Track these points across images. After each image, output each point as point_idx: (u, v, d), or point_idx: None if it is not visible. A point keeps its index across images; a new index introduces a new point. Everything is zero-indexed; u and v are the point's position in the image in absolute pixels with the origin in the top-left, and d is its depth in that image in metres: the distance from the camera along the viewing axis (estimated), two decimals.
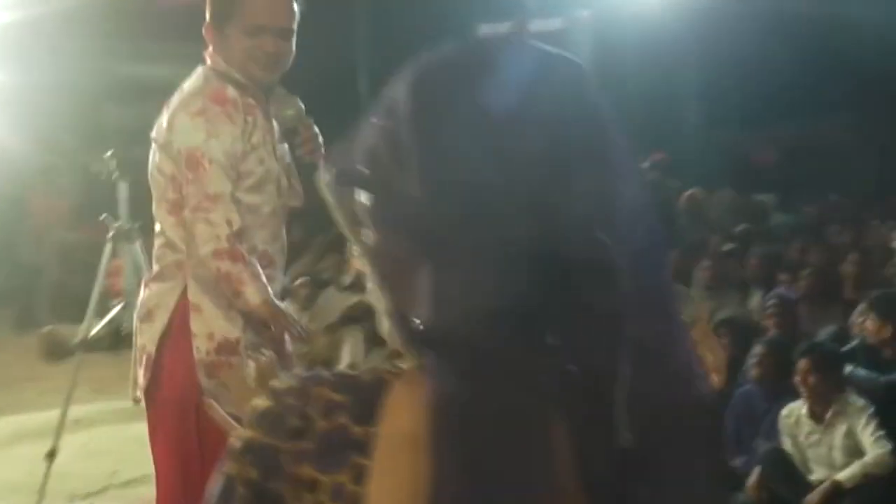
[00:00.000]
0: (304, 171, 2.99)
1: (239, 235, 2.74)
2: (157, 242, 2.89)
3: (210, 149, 2.73)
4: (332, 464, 0.89)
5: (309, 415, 0.91)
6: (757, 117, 13.32)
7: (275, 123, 2.92)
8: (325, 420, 0.91)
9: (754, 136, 12.81)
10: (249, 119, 2.83)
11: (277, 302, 2.86)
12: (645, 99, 11.39)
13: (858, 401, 4.61)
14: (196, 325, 2.79)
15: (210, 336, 2.78)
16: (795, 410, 4.80)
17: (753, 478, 4.78)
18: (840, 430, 4.59)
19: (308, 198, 2.94)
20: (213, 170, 2.73)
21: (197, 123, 2.75)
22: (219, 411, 2.25)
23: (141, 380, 2.91)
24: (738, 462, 4.98)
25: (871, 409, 4.53)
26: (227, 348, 2.78)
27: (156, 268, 2.90)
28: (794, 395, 4.87)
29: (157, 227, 2.90)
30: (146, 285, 2.96)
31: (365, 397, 0.91)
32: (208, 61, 2.88)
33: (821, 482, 4.55)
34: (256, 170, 2.83)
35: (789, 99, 13.23)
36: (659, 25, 11.58)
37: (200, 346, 2.79)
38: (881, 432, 4.47)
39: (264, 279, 2.79)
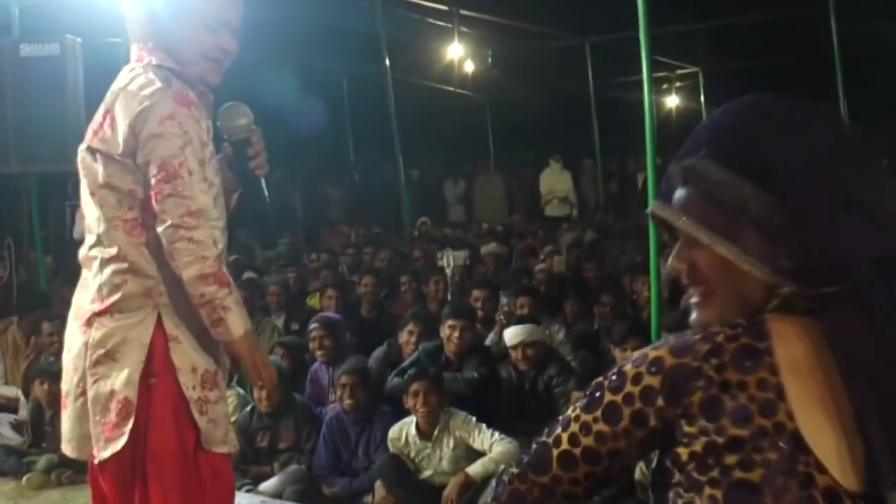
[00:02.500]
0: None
1: (222, 256, 2.41)
2: (111, 268, 2.39)
3: (187, 157, 2.33)
4: (751, 367, 1.20)
5: (717, 342, 1.22)
6: None
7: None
8: (730, 343, 1.21)
9: None
10: (209, 124, 2.46)
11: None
12: None
13: (460, 413, 4.86)
14: (178, 359, 2.40)
15: (194, 370, 2.42)
16: (402, 431, 4.87)
17: (380, 491, 4.81)
18: (447, 442, 4.77)
19: None
20: (194, 181, 2.34)
21: (170, 129, 2.33)
22: None
23: (108, 433, 2.38)
24: (341, 487, 4.98)
25: (473, 418, 4.77)
26: (209, 381, 2.44)
27: (113, 298, 2.39)
28: (383, 419, 5.02)
29: (105, 252, 2.41)
30: (90, 321, 2.42)
31: (754, 327, 1.23)
32: (152, 59, 2.43)
33: (432, 479, 4.76)
34: (216, 181, 2.44)
35: None
36: None
37: (187, 382, 2.41)
38: (497, 433, 4.72)
39: (245, 309, 2.48)
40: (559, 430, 1.29)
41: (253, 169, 2.60)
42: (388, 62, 11.78)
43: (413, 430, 4.85)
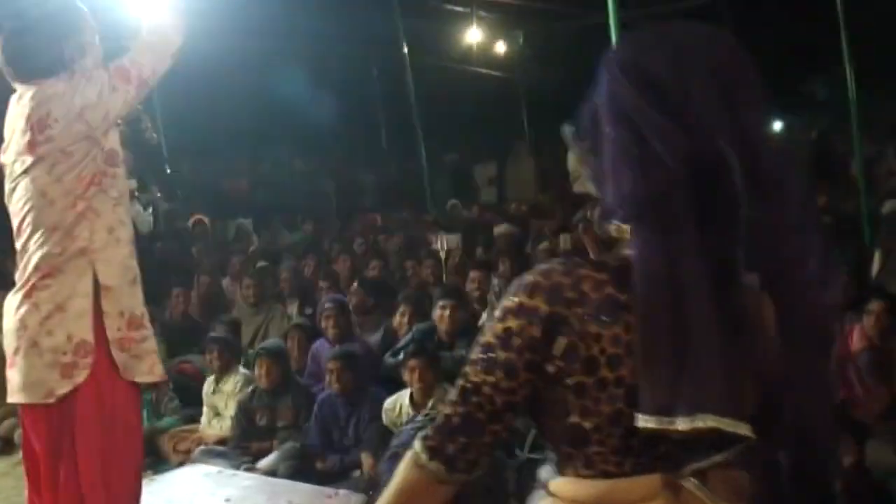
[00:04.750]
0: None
1: None
2: (53, 238, 2.87)
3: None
4: (608, 323, 1.30)
5: (583, 290, 1.32)
6: (220, 148, 14.01)
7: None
8: (596, 293, 1.32)
9: (223, 165, 13.33)
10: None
11: None
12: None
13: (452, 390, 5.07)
14: (107, 305, 2.88)
15: (120, 314, 2.90)
16: (397, 402, 5.17)
17: (367, 462, 5.07)
18: None
19: None
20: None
21: None
22: None
23: (66, 371, 2.83)
24: (331, 462, 5.26)
25: None
26: (135, 323, 2.92)
27: (55, 262, 2.87)
28: (372, 399, 5.30)
29: (46, 229, 2.88)
30: (36, 286, 2.86)
31: (620, 272, 1.32)
32: None
33: None
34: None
35: (249, 132, 14.12)
36: None
37: (112, 324, 2.88)
38: None
39: None
40: (474, 397, 1.40)
41: (150, 137, 3.33)
42: (405, 48, 11.98)
43: (407, 402, 5.12)
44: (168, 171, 10.99)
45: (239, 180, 13.05)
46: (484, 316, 6.35)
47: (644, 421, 1.27)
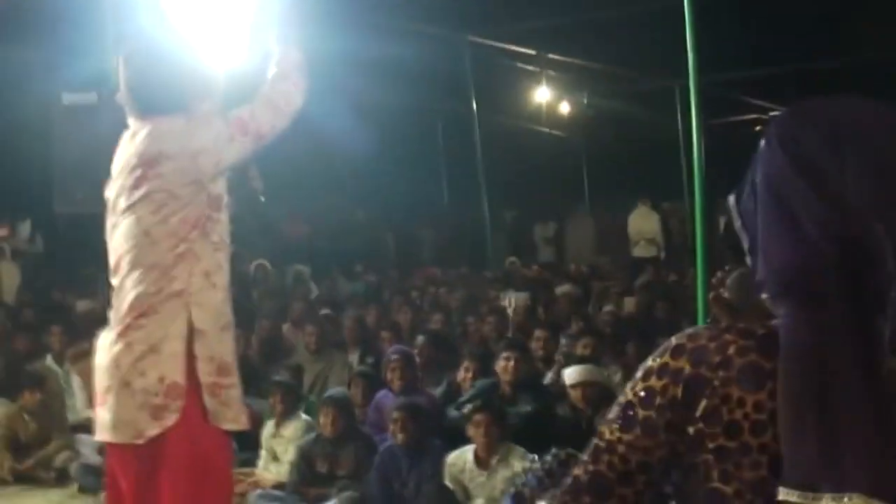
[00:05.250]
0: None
1: None
2: (150, 278, 2.85)
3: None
4: (753, 387, 1.27)
5: (728, 355, 1.30)
6: (283, 192, 14.16)
7: None
8: (740, 358, 1.30)
9: (284, 209, 13.44)
10: None
11: None
12: None
13: (518, 448, 5.04)
14: (199, 349, 2.85)
15: (211, 359, 2.87)
16: (461, 458, 5.11)
17: None
18: (502, 474, 4.95)
19: None
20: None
21: None
22: None
23: (156, 413, 2.81)
24: None
25: (530, 455, 4.86)
26: (225, 369, 2.90)
27: (151, 301, 2.85)
28: (434, 452, 5.23)
29: (145, 269, 2.87)
30: (129, 326, 2.84)
31: (767, 341, 1.30)
32: None
33: None
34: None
35: (312, 178, 14.26)
36: None
37: (204, 369, 2.86)
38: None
39: None
40: (606, 455, 1.37)
41: (255, 188, 3.34)
42: (475, 105, 12.05)
43: (471, 458, 5.06)
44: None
45: (299, 226, 13.13)
46: (549, 375, 6.28)
47: (786, 494, 1.24)
